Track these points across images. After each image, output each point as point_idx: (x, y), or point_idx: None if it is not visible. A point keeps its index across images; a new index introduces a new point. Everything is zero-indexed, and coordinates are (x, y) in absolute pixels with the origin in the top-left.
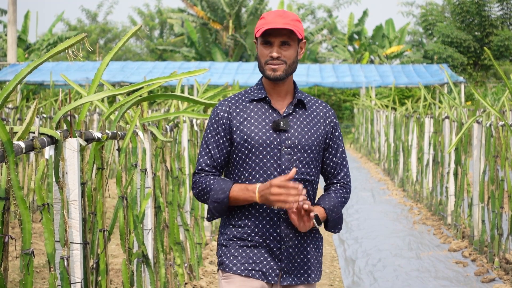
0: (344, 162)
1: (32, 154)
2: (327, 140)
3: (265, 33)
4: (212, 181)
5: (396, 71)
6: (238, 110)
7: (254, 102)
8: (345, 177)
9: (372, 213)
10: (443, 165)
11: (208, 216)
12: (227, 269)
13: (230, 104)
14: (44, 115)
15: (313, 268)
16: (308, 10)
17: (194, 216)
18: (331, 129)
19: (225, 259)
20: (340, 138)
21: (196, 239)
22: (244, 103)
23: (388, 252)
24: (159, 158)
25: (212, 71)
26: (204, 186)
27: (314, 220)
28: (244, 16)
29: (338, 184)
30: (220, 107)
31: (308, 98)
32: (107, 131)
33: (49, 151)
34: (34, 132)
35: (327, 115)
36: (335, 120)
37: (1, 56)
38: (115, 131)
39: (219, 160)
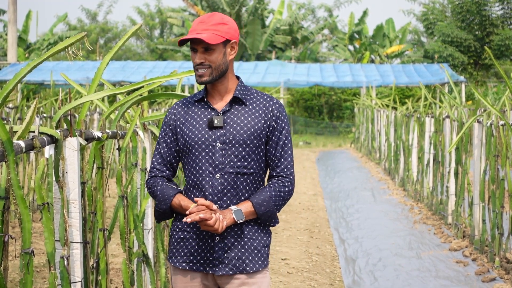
0: (286, 155)
1: (32, 154)
2: (268, 134)
3: (190, 41)
4: (158, 187)
5: (397, 70)
6: (182, 112)
7: (196, 103)
8: (285, 169)
9: (373, 213)
10: (443, 164)
11: (157, 219)
12: (171, 262)
13: (177, 106)
14: (45, 115)
15: (251, 257)
16: (309, 10)
17: None
18: (273, 123)
19: (169, 250)
20: (283, 132)
21: None
22: (189, 105)
23: (388, 251)
24: None
25: None
26: (152, 190)
27: (234, 215)
28: (245, 15)
29: (276, 178)
30: (171, 109)
31: (252, 95)
32: (107, 130)
33: (49, 150)
34: (34, 131)
35: (270, 109)
36: (278, 114)
37: (2, 55)
38: (115, 131)
39: (168, 159)
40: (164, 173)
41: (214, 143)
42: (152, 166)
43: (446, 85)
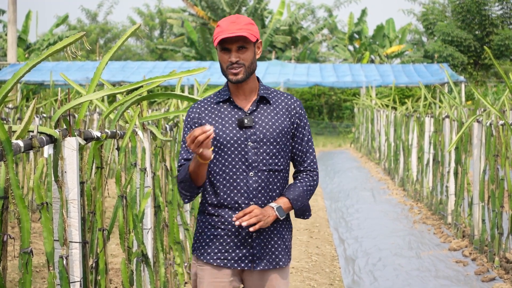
0: (311, 150)
1: (31, 153)
2: (293, 130)
3: (221, 41)
4: (182, 168)
5: (397, 70)
6: (206, 112)
7: (221, 103)
8: (311, 164)
9: (372, 213)
10: (443, 164)
11: (182, 198)
12: (201, 257)
13: (199, 106)
14: (44, 115)
15: (283, 252)
16: (309, 10)
17: (194, 216)
18: (296, 120)
19: (199, 246)
20: (306, 127)
21: None
22: (212, 105)
23: (388, 251)
24: (159, 157)
25: (212, 70)
26: (180, 176)
27: (276, 212)
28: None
29: (305, 173)
30: (191, 109)
31: (273, 93)
32: (106, 130)
33: (48, 150)
34: (33, 131)
35: (292, 107)
36: (300, 111)
37: (1, 56)
38: (115, 130)
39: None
40: None
41: (246, 142)
42: (179, 163)
43: (446, 85)
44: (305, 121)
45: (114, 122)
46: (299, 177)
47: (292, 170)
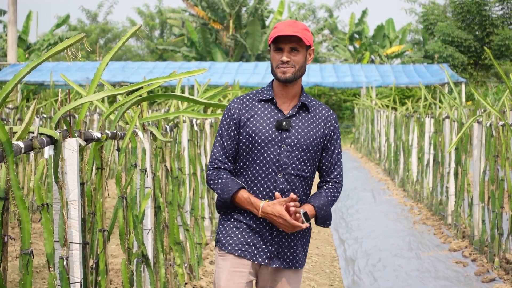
0: (339, 163)
1: (31, 154)
2: (325, 142)
3: (276, 40)
4: (223, 180)
5: (397, 71)
6: (247, 108)
7: (262, 102)
8: (338, 176)
9: (373, 213)
10: (443, 165)
11: (216, 203)
12: (223, 248)
13: (241, 102)
14: (44, 115)
15: (300, 255)
16: (309, 11)
17: (194, 216)
18: (330, 132)
19: (222, 237)
20: (338, 141)
21: (196, 239)
22: (254, 102)
23: (388, 252)
24: (159, 158)
25: (213, 71)
26: (216, 181)
27: (303, 217)
28: (245, 16)
29: (330, 183)
30: (233, 104)
31: (313, 102)
32: (106, 131)
33: (48, 151)
34: (33, 132)
35: (328, 119)
36: (335, 124)
37: (2, 56)
38: (115, 131)
39: (231, 151)
40: (226, 165)
41: (280, 144)
42: (214, 157)
43: (446, 85)
44: (338, 134)
45: (115, 123)
46: (325, 187)
47: (316, 179)
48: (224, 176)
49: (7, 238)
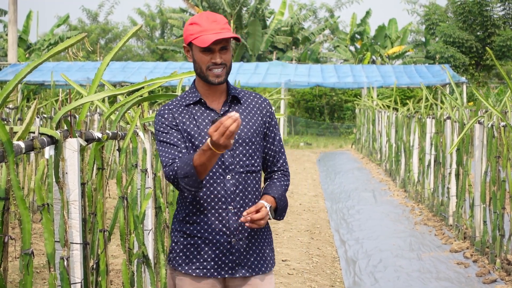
0: (282, 150)
1: (32, 154)
2: (265, 130)
3: (206, 41)
4: (177, 162)
5: (398, 71)
6: (176, 115)
7: (192, 105)
8: (284, 164)
9: (374, 214)
10: (444, 165)
11: (185, 194)
12: (179, 268)
13: (170, 108)
14: (45, 115)
15: (267, 258)
16: (310, 11)
17: None
18: (268, 119)
19: (176, 256)
20: (277, 126)
21: None
22: (182, 108)
23: (389, 252)
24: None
25: None
26: (173, 170)
27: (269, 212)
28: (245, 16)
29: (279, 172)
30: (162, 112)
31: (242, 93)
32: (107, 131)
33: (49, 151)
34: (34, 132)
35: (262, 105)
36: (270, 109)
37: (2, 56)
38: (116, 131)
39: (183, 145)
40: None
41: None
42: (169, 161)
43: (448, 86)
44: (275, 120)
45: (115, 123)
46: (276, 176)
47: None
48: (176, 160)
49: (7, 238)
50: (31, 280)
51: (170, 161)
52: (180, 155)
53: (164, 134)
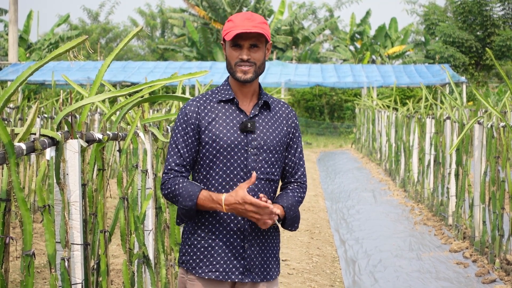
0: (302, 162)
1: (33, 155)
2: (288, 140)
3: (235, 36)
4: (180, 185)
5: (398, 71)
6: (206, 111)
7: (222, 103)
8: (302, 176)
9: (373, 214)
10: (444, 165)
11: (178, 220)
12: (193, 271)
13: (198, 104)
14: (46, 115)
15: (271, 265)
16: (310, 10)
17: None
18: (293, 130)
19: (189, 259)
20: (299, 138)
21: None
22: (212, 104)
23: (389, 252)
24: (160, 159)
25: (214, 71)
26: (173, 189)
27: (276, 220)
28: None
29: (296, 184)
30: (188, 107)
31: (272, 99)
32: (108, 132)
33: (50, 152)
34: (35, 134)
35: (289, 116)
36: (296, 121)
37: (3, 55)
38: (116, 132)
39: (188, 160)
40: (183, 174)
41: (246, 147)
42: (169, 167)
43: (447, 85)
44: (299, 131)
45: (116, 124)
46: (290, 187)
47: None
48: (181, 181)
49: (8, 239)
50: (32, 281)
51: (172, 171)
52: (183, 169)
53: (178, 135)
